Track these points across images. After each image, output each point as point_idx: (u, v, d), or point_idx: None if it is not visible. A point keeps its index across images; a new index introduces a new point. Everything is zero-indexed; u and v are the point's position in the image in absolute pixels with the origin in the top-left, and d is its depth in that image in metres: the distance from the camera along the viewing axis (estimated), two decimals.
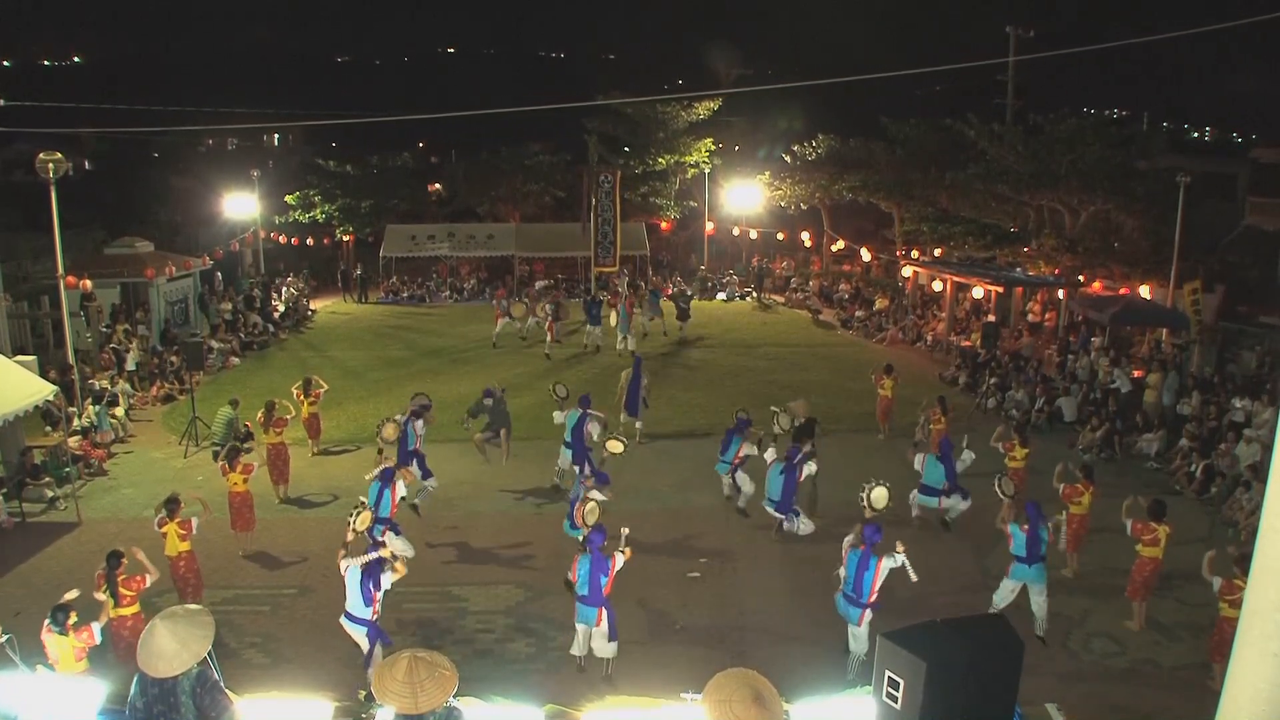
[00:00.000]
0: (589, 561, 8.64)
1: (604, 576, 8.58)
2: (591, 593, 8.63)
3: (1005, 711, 4.62)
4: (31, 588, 10.83)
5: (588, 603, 8.69)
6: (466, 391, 19.99)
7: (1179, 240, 20.80)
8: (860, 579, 8.61)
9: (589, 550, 8.71)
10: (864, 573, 8.59)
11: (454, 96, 37.74)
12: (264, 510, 12.76)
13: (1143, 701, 8.83)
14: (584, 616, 8.78)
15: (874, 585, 8.58)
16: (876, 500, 10.28)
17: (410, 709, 4.48)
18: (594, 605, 8.66)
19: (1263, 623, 4.14)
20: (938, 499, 12.13)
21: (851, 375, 21.23)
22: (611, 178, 29.97)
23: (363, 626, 8.46)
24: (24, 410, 12.64)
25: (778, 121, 41.93)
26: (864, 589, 8.61)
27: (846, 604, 8.83)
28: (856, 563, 8.67)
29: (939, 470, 12.02)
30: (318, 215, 34.58)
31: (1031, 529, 9.45)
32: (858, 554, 8.71)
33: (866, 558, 8.62)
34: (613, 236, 30.10)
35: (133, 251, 23.90)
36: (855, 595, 8.70)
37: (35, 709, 5.59)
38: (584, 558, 8.72)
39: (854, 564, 8.69)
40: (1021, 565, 9.53)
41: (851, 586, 8.72)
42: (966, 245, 28.48)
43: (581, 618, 8.81)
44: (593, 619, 8.71)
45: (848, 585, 8.79)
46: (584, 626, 8.84)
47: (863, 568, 8.60)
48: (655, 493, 14.10)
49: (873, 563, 8.56)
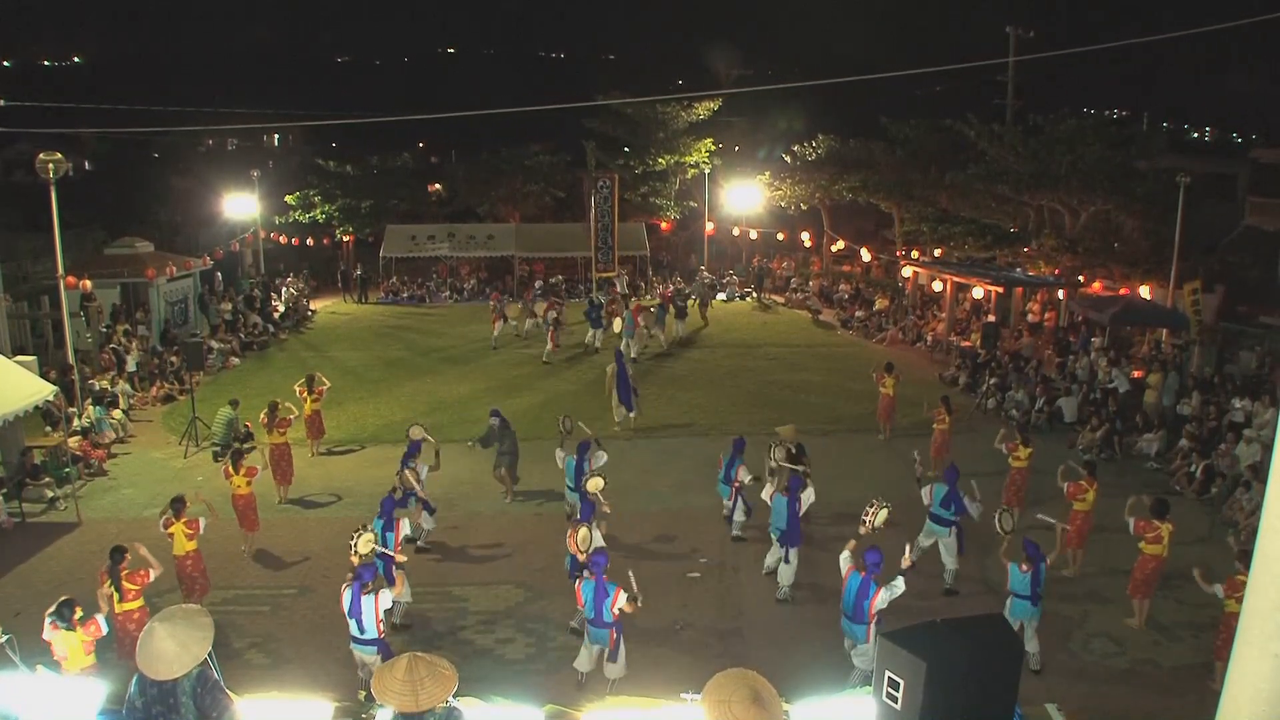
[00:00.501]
0: (592, 587, 8.48)
1: (606, 601, 8.41)
2: (598, 616, 8.50)
3: (1005, 711, 4.62)
4: (31, 588, 10.83)
5: (597, 625, 8.56)
6: (466, 391, 20.02)
7: (1179, 240, 20.79)
8: (859, 605, 8.40)
9: (593, 575, 8.52)
10: (863, 600, 8.37)
11: (454, 96, 37.73)
12: (265, 510, 12.75)
13: (1143, 701, 8.83)
14: (596, 638, 8.66)
15: (872, 611, 8.37)
16: (879, 522, 9.90)
17: (411, 707, 4.47)
18: (604, 628, 8.53)
19: (1263, 623, 4.13)
20: (949, 529, 11.00)
21: (851, 375, 21.24)
22: (610, 182, 29.84)
23: (373, 647, 8.23)
24: (24, 410, 12.64)
25: (778, 122, 41.93)
26: (864, 613, 8.40)
27: (850, 624, 8.62)
28: (857, 589, 8.46)
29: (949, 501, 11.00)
30: (318, 215, 34.59)
31: (1034, 571, 9.03)
32: (858, 579, 8.48)
33: (867, 585, 8.39)
34: (611, 240, 29.99)
35: (133, 252, 23.91)
36: (855, 616, 8.50)
37: (35, 709, 5.59)
38: (587, 583, 8.54)
39: (854, 589, 8.48)
40: (1023, 602, 9.11)
41: (852, 610, 8.51)
42: (966, 245, 28.47)
43: (593, 638, 8.68)
44: (605, 640, 8.58)
45: (847, 607, 8.58)
46: (595, 646, 8.71)
47: (862, 595, 8.38)
48: (655, 493, 14.10)
49: (872, 590, 8.34)
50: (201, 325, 24.63)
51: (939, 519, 10.88)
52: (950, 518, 10.78)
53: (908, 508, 12.78)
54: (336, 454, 16.06)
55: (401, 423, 17.24)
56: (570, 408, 18.77)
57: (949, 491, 10.80)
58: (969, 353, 22.14)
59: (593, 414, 18.42)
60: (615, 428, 16.96)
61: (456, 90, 62.04)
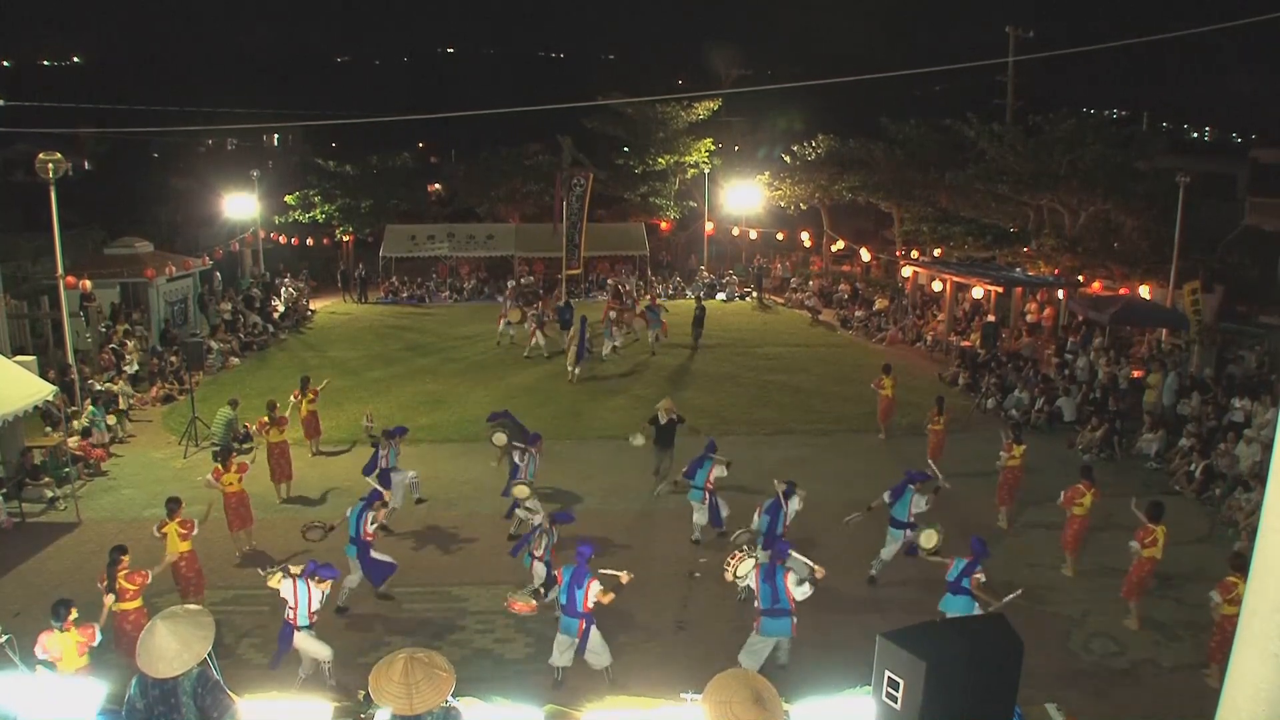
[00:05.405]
0: (570, 571, 8.50)
1: (579, 590, 8.39)
2: (569, 603, 8.48)
3: (1005, 711, 4.61)
4: (31, 588, 10.83)
5: (567, 613, 8.52)
6: (466, 391, 20.02)
7: (1179, 240, 20.80)
8: (776, 591, 8.48)
9: (576, 561, 8.56)
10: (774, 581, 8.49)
11: (454, 96, 37.72)
12: (264, 510, 12.77)
13: (1143, 701, 8.83)
14: (565, 627, 8.60)
15: (790, 595, 8.39)
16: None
17: (405, 710, 4.46)
18: (573, 617, 8.49)
19: (1263, 623, 4.13)
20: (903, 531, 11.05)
21: (851, 376, 21.25)
22: (584, 181, 28.66)
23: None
24: (24, 410, 12.63)
25: (777, 122, 41.93)
26: (783, 598, 8.44)
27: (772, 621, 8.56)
28: (764, 575, 8.52)
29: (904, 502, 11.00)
30: (317, 215, 34.59)
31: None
32: (764, 566, 8.60)
33: (773, 570, 8.49)
34: (578, 239, 28.65)
35: (132, 252, 23.91)
36: (777, 605, 8.49)
37: (35, 709, 5.58)
38: (568, 568, 8.57)
39: (763, 576, 8.54)
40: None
41: (768, 599, 8.48)
42: (966, 245, 28.46)
43: (563, 628, 8.62)
44: (574, 630, 8.52)
45: (765, 600, 8.52)
46: (565, 638, 8.64)
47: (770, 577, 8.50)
48: (655, 493, 14.09)
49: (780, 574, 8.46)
50: (201, 325, 24.62)
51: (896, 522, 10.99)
52: (904, 520, 10.90)
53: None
54: (335, 454, 16.05)
55: (401, 422, 17.19)
56: (568, 408, 18.85)
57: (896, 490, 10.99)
58: (969, 353, 22.14)
59: (591, 414, 18.49)
60: (571, 381, 20.28)
61: (456, 90, 61.95)
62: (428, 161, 50.15)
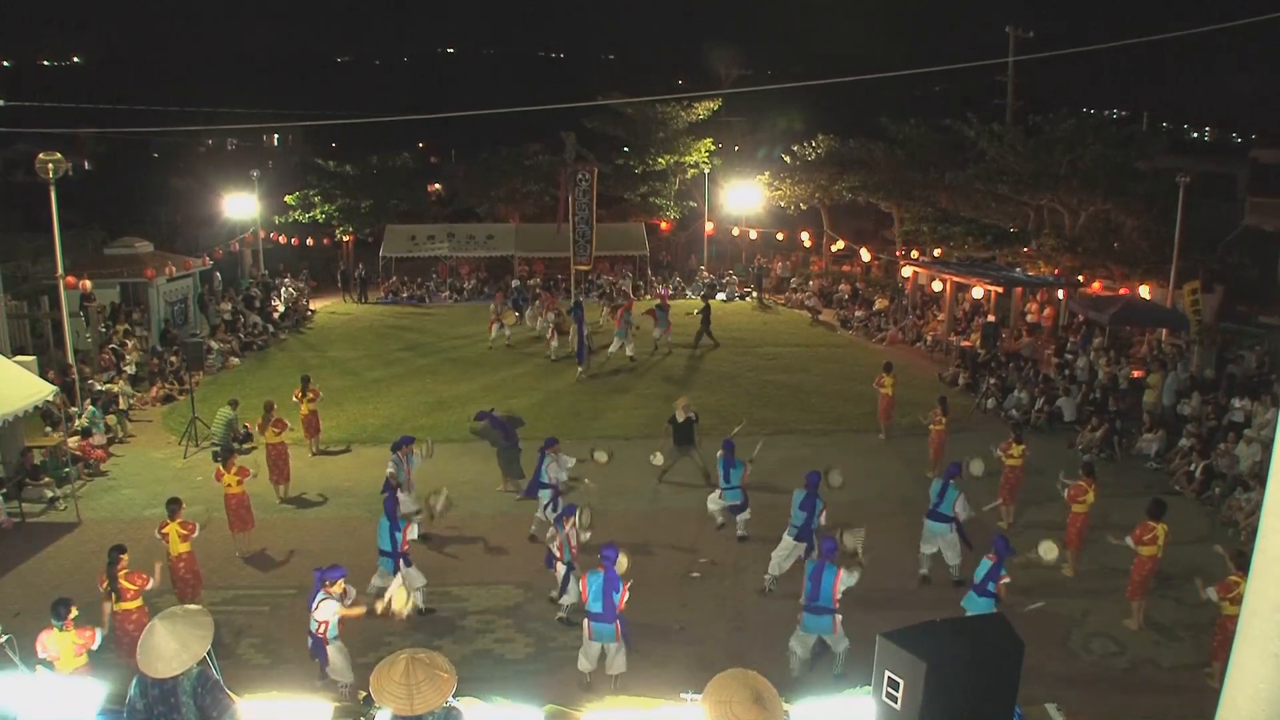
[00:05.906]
0: (601, 578, 8.42)
1: (615, 593, 8.39)
2: (606, 609, 8.43)
3: (1005, 711, 4.61)
4: (31, 588, 10.83)
5: (603, 620, 8.46)
6: (466, 391, 20.01)
7: (1179, 240, 20.80)
8: (818, 588, 8.59)
9: (602, 567, 8.50)
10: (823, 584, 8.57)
11: (454, 96, 37.72)
12: (264, 510, 12.76)
13: (1143, 701, 8.83)
14: (600, 634, 8.54)
15: (835, 594, 8.51)
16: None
17: (406, 710, 4.45)
18: (609, 622, 8.46)
19: (1263, 623, 4.13)
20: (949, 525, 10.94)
21: (851, 376, 21.25)
22: (589, 175, 28.63)
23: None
24: (24, 410, 12.63)
25: (777, 122, 41.94)
26: (824, 595, 8.57)
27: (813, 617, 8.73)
28: (811, 572, 8.68)
29: (949, 498, 10.87)
30: (317, 215, 34.58)
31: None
32: (813, 564, 8.76)
33: (821, 567, 8.61)
34: (589, 235, 28.62)
35: (132, 252, 23.91)
36: (817, 602, 8.61)
37: (35, 709, 5.58)
38: (594, 574, 8.48)
39: (810, 573, 8.70)
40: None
41: (810, 595, 8.63)
42: (966, 245, 28.46)
43: (597, 636, 8.56)
44: (611, 635, 8.51)
45: (808, 596, 8.67)
46: (600, 644, 8.61)
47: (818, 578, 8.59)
48: (655, 493, 14.10)
49: (830, 571, 8.55)
50: (201, 325, 24.62)
51: (939, 516, 10.90)
52: (949, 515, 10.80)
53: (906, 507, 12.83)
54: (335, 454, 16.05)
55: (401, 423, 17.29)
56: (569, 407, 18.85)
57: (943, 487, 10.88)
58: (969, 353, 22.14)
59: (591, 414, 18.49)
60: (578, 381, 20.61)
61: (456, 90, 61.95)
62: (428, 161, 50.10)
